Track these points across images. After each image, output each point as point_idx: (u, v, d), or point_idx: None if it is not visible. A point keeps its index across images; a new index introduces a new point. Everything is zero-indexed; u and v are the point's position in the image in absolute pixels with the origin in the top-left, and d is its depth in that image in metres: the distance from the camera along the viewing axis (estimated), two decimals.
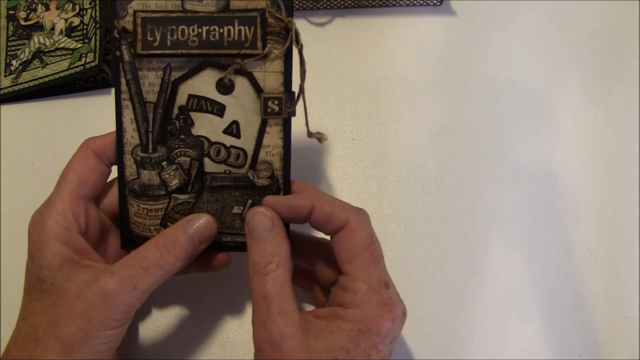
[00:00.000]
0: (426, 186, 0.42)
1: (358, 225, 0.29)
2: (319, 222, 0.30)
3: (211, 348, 0.38)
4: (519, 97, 0.45)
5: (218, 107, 0.32)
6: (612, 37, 0.46)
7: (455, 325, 0.39)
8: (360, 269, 0.28)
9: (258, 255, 0.29)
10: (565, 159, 0.43)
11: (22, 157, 0.44)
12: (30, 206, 0.42)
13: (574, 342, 0.38)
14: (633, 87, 0.45)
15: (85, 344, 0.28)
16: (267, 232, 0.29)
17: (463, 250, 0.41)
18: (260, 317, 0.28)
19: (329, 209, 0.30)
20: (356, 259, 0.29)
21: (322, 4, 0.47)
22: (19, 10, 0.48)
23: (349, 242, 0.29)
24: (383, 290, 0.28)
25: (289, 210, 0.30)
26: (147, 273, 0.29)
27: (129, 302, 0.29)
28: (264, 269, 0.28)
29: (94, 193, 0.33)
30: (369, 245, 0.29)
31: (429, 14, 0.47)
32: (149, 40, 0.31)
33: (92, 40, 0.46)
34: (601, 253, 0.41)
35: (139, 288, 0.29)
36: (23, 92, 0.45)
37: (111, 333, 0.29)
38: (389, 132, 0.44)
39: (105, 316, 0.28)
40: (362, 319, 0.27)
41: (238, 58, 0.31)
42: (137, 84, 0.32)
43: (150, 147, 0.32)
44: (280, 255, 0.29)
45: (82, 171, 0.32)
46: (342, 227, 0.29)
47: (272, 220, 0.30)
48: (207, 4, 0.31)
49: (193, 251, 0.31)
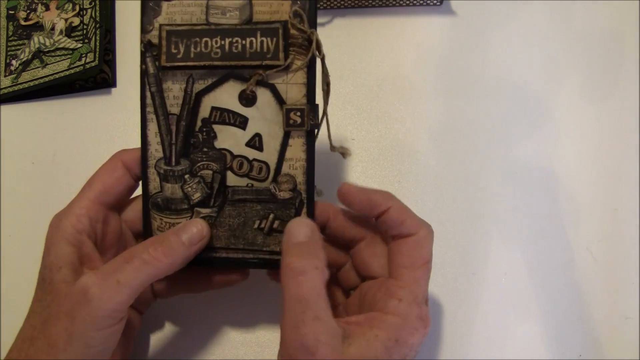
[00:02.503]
0: (426, 186, 0.42)
1: (426, 239, 0.30)
2: (389, 223, 0.30)
3: (211, 348, 0.38)
4: (519, 97, 0.45)
5: (241, 120, 0.31)
6: (612, 37, 0.46)
7: (455, 325, 0.39)
8: (413, 280, 0.29)
9: (295, 257, 0.28)
10: (565, 159, 0.43)
11: (22, 157, 0.44)
12: (30, 206, 0.42)
13: (574, 342, 0.38)
14: (633, 87, 0.45)
15: (69, 345, 0.27)
16: (307, 238, 0.29)
17: (463, 250, 0.41)
18: (293, 320, 0.26)
19: (405, 213, 0.30)
20: (413, 268, 0.29)
21: (322, 4, 0.47)
22: (19, 10, 0.48)
23: (413, 251, 0.29)
24: (423, 306, 0.29)
25: (366, 203, 0.31)
26: (130, 266, 0.28)
27: (112, 298, 0.27)
28: (302, 270, 0.27)
29: (117, 203, 0.33)
30: (428, 262, 0.30)
31: (429, 14, 0.47)
32: (172, 52, 0.31)
33: (92, 40, 0.46)
34: (601, 253, 0.41)
35: (122, 282, 0.28)
36: (23, 92, 0.45)
37: (98, 335, 0.28)
38: (389, 132, 0.44)
39: (87, 314, 0.27)
40: (401, 328, 0.28)
41: (260, 69, 0.31)
42: (162, 96, 0.32)
43: (173, 160, 0.32)
44: (319, 259, 0.28)
45: (108, 180, 0.32)
46: (410, 235, 0.30)
47: (312, 229, 0.30)
48: (230, 16, 0.31)
49: (183, 251, 0.30)
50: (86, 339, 0.28)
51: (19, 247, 0.41)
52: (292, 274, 0.27)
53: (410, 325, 0.28)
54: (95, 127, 0.45)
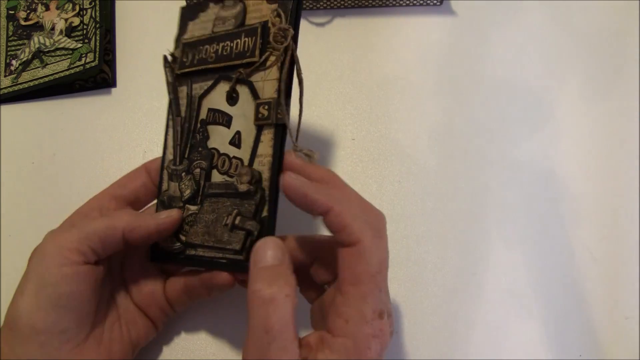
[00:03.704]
0: (426, 186, 0.42)
1: (369, 249, 0.26)
2: (331, 228, 0.28)
3: (211, 348, 0.38)
4: (519, 97, 0.45)
5: (227, 119, 0.32)
6: (612, 37, 0.46)
7: (455, 325, 0.39)
8: (358, 297, 0.26)
9: (264, 284, 0.26)
10: (565, 158, 0.43)
11: (22, 157, 0.44)
12: (30, 206, 0.42)
13: (574, 342, 0.38)
14: (633, 87, 0.45)
15: (29, 282, 0.29)
16: (277, 261, 0.27)
17: (463, 250, 0.41)
18: (258, 349, 0.25)
19: (345, 219, 0.27)
20: (358, 284, 0.26)
21: (322, 4, 0.47)
22: (19, 10, 0.48)
23: (355, 265, 0.26)
24: (376, 322, 0.26)
25: (304, 201, 0.28)
26: (88, 217, 0.31)
27: (62, 236, 0.29)
28: (272, 299, 0.25)
29: (131, 197, 0.34)
30: (375, 275, 0.26)
31: (429, 14, 0.47)
32: (183, 61, 0.34)
33: (92, 40, 0.46)
34: (601, 253, 0.41)
35: (77, 226, 0.30)
36: (23, 92, 0.45)
37: (54, 272, 0.28)
38: (389, 132, 0.44)
39: (40, 252, 0.29)
40: (349, 350, 0.26)
41: (241, 68, 0.31)
42: (177, 103, 0.34)
43: (178, 159, 0.34)
44: (290, 286, 0.26)
45: (126, 177, 0.35)
46: (353, 244, 0.26)
47: (282, 251, 0.28)
48: (228, 24, 0.33)
49: (147, 219, 0.31)
50: (43, 275, 0.28)
51: (19, 247, 0.41)
52: (261, 302, 0.26)
53: (363, 346, 0.26)
54: (95, 127, 0.45)
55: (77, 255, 0.29)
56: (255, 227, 0.29)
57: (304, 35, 0.31)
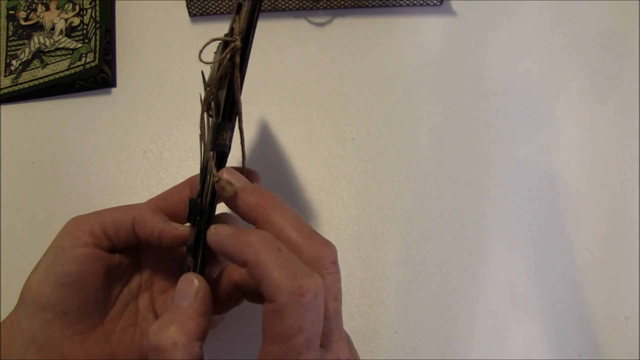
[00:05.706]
0: (426, 186, 0.42)
1: (285, 310, 0.23)
2: (251, 281, 0.26)
3: (211, 348, 0.38)
4: (519, 97, 0.45)
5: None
6: (612, 37, 0.46)
7: (455, 325, 0.39)
8: (272, 356, 0.24)
9: (156, 325, 0.26)
10: (565, 158, 0.43)
11: (22, 157, 0.44)
12: (30, 206, 0.42)
13: (574, 342, 0.38)
14: (633, 87, 0.45)
15: (43, 259, 0.29)
16: (188, 302, 0.27)
17: (463, 250, 0.41)
18: None
19: (259, 273, 0.24)
20: (274, 343, 0.23)
21: (322, 4, 0.47)
22: (19, 10, 0.48)
23: (272, 323, 0.23)
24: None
25: (225, 256, 0.26)
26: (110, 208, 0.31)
27: (80, 225, 0.30)
28: (156, 345, 0.25)
29: (169, 211, 0.33)
30: (290, 338, 0.23)
31: (429, 14, 0.47)
32: None
33: (92, 40, 0.46)
34: (601, 253, 0.41)
35: (99, 212, 0.31)
36: (23, 92, 0.45)
37: (68, 253, 0.29)
38: (389, 132, 0.44)
39: (57, 237, 0.30)
40: None
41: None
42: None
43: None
44: (188, 335, 0.25)
45: (168, 191, 0.34)
46: (269, 301, 0.24)
47: (197, 290, 0.27)
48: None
49: (154, 220, 0.31)
50: (57, 252, 0.29)
51: (19, 247, 0.41)
52: (154, 352, 0.25)
53: None
54: (95, 127, 0.45)
55: (89, 237, 0.30)
56: (191, 263, 0.30)
57: (304, 35, 0.31)
